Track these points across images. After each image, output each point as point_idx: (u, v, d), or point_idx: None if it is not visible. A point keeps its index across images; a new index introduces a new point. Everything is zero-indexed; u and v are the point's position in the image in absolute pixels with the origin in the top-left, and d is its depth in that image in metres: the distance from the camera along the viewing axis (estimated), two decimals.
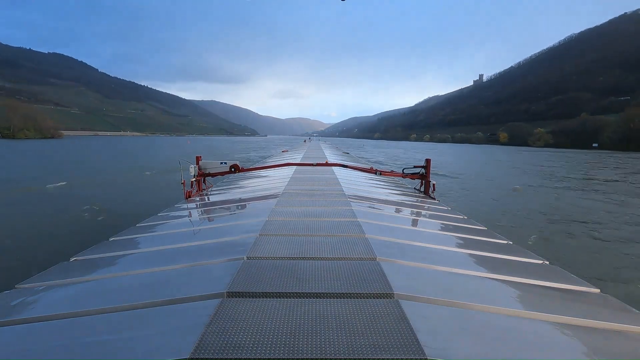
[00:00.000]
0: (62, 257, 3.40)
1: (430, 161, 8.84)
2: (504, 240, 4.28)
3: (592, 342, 1.93)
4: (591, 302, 2.55)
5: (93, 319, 2.05)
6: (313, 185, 7.54)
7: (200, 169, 8.30)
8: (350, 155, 29.75)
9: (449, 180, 21.55)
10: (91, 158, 36.55)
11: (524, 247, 4.11)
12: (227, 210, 5.74)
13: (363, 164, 18.19)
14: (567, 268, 3.36)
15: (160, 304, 2.17)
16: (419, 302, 2.16)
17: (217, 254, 3.10)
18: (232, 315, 1.92)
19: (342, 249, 3.17)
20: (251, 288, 2.30)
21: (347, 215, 4.57)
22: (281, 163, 11.11)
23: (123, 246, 3.81)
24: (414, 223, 5.09)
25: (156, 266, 2.95)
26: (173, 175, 15.33)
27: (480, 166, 34.91)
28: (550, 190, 18.21)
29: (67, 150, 47.52)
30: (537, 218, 11.73)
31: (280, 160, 17.80)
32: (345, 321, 1.88)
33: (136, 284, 2.61)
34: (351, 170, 10.07)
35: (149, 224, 4.84)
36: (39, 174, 20.56)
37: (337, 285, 2.38)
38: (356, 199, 5.97)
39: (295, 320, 1.88)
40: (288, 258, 2.93)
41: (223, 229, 4.30)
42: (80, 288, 2.65)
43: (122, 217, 9.63)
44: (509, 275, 2.92)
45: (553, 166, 34.18)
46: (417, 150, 67.90)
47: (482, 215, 11.14)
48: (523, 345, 1.81)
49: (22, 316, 2.16)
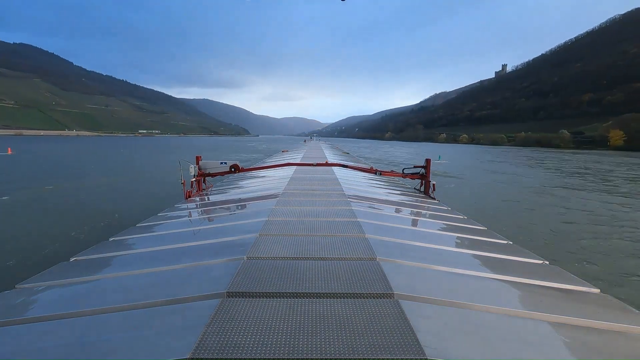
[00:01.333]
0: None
1: (430, 161, 8.84)
2: (504, 240, 4.28)
3: (592, 342, 1.93)
4: (591, 302, 2.55)
5: (93, 319, 2.05)
6: (313, 185, 7.54)
7: (200, 169, 8.31)
8: (350, 155, 29.69)
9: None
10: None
11: (524, 247, 4.11)
12: (227, 210, 5.73)
13: (363, 164, 18.20)
14: (566, 268, 3.35)
15: (160, 304, 2.17)
16: (419, 302, 2.16)
17: (217, 254, 3.10)
18: (232, 315, 1.92)
19: (342, 249, 3.17)
20: (251, 288, 2.30)
21: (347, 215, 4.57)
22: (281, 163, 11.12)
23: (123, 246, 3.81)
24: (414, 223, 5.09)
25: (156, 266, 2.95)
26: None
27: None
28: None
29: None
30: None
31: (280, 160, 17.80)
32: (345, 321, 1.88)
33: (136, 284, 2.60)
34: (351, 170, 10.07)
35: (149, 224, 4.84)
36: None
37: (337, 285, 2.38)
38: (356, 199, 5.97)
39: (295, 320, 1.88)
40: (288, 258, 2.93)
41: (223, 229, 4.30)
42: (80, 288, 2.65)
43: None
44: (509, 275, 2.92)
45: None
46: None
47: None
48: (523, 345, 1.81)
49: (22, 316, 2.16)
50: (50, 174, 19.50)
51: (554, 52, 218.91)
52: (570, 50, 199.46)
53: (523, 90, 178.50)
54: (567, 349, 1.85)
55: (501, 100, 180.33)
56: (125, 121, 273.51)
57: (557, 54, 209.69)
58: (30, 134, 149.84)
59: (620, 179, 22.10)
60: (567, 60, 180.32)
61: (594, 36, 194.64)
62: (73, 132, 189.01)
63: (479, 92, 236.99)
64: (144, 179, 18.80)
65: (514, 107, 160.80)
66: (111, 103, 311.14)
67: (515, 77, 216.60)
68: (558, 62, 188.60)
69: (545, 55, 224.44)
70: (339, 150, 33.63)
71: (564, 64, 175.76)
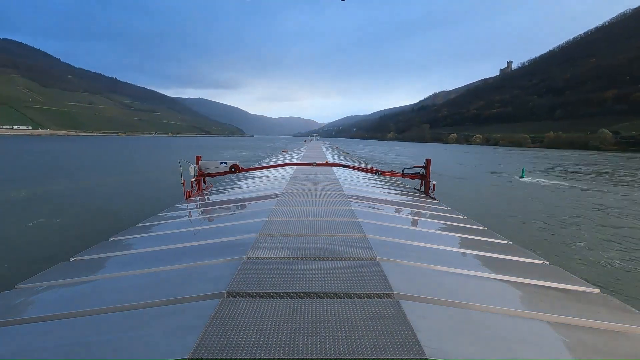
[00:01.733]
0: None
1: (430, 161, 8.85)
2: (504, 240, 4.28)
3: (592, 342, 1.93)
4: (591, 302, 2.55)
5: (93, 319, 2.05)
6: (313, 185, 7.54)
7: (200, 169, 8.31)
8: (350, 155, 29.65)
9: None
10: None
11: (524, 247, 4.10)
12: (227, 210, 5.73)
13: (363, 164, 18.19)
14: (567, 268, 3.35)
15: (160, 304, 2.17)
16: (419, 302, 2.16)
17: (217, 254, 3.10)
18: (232, 315, 1.92)
19: (342, 249, 3.17)
20: (251, 288, 2.30)
21: (347, 215, 4.57)
22: (281, 163, 11.12)
23: (123, 246, 3.81)
24: (414, 223, 5.08)
25: (156, 266, 2.95)
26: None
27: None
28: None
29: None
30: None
31: (280, 160, 17.80)
32: (345, 321, 1.88)
33: (136, 284, 2.60)
34: (351, 170, 10.07)
35: (149, 224, 4.84)
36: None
37: (337, 285, 2.38)
38: (356, 199, 5.97)
39: (295, 320, 1.88)
40: (288, 258, 2.93)
41: (223, 229, 4.30)
42: (80, 288, 2.65)
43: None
44: (509, 275, 2.92)
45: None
46: None
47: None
48: (523, 345, 1.80)
49: (22, 316, 2.16)
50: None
51: (563, 48, 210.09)
52: (581, 45, 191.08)
53: (533, 87, 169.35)
54: (567, 349, 1.85)
55: (512, 98, 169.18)
56: (109, 120, 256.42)
57: (566, 50, 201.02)
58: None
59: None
60: (578, 56, 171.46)
61: (605, 31, 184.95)
62: (47, 132, 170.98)
63: (484, 90, 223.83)
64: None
65: (526, 105, 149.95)
66: (96, 101, 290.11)
67: (523, 74, 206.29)
68: (568, 58, 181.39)
69: (554, 52, 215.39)
70: (339, 150, 33.63)
71: (576, 60, 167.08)
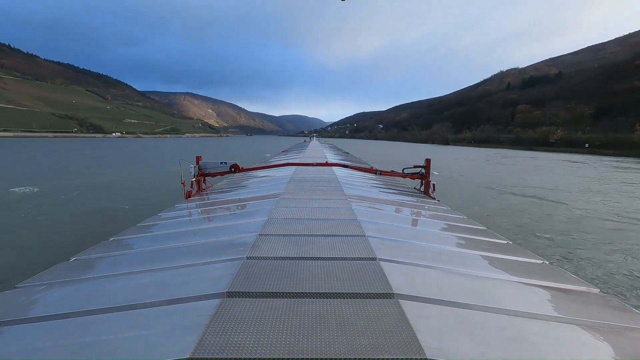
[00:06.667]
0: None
1: (430, 161, 8.85)
2: (504, 240, 4.28)
3: (592, 342, 1.93)
4: (591, 302, 2.55)
5: (93, 319, 2.05)
6: (313, 185, 7.54)
7: (200, 169, 8.31)
8: (351, 155, 29.70)
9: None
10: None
11: (524, 247, 4.11)
12: (227, 210, 5.73)
13: (363, 163, 18.20)
14: (567, 268, 3.35)
15: (160, 304, 2.17)
16: (419, 302, 2.16)
17: (217, 254, 3.10)
18: (232, 315, 1.92)
19: (342, 248, 3.17)
20: (251, 288, 2.30)
21: (347, 215, 4.57)
22: (281, 163, 11.12)
23: (123, 246, 3.81)
24: (414, 223, 5.09)
25: (156, 266, 2.95)
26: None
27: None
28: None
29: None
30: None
31: (280, 160, 17.81)
32: (345, 321, 1.88)
33: (136, 284, 2.60)
34: (351, 170, 10.07)
35: (149, 224, 4.84)
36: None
37: (337, 285, 2.38)
38: (356, 199, 5.97)
39: (295, 320, 1.88)
40: (288, 258, 2.93)
41: (223, 229, 4.30)
42: (80, 288, 2.65)
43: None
44: (509, 275, 2.92)
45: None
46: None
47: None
48: (523, 345, 1.80)
49: (22, 316, 2.16)
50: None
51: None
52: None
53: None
54: (567, 349, 1.85)
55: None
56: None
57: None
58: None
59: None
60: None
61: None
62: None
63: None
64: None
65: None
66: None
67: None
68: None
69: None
70: (339, 150, 33.64)
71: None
